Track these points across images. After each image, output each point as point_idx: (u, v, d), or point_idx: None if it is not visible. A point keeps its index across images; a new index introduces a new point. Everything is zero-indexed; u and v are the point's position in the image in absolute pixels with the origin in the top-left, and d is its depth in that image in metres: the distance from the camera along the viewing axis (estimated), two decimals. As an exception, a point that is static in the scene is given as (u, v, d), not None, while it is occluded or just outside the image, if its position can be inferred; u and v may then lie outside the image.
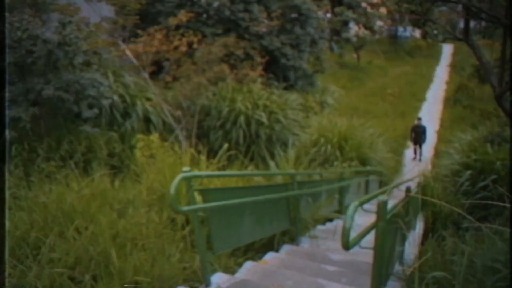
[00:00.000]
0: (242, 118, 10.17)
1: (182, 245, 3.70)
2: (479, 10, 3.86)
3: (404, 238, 4.03)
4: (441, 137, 15.11)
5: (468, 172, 7.41)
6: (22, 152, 6.52)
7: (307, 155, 9.28)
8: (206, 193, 3.24)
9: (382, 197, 2.45)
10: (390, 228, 2.65)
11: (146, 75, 9.81)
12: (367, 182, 9.10)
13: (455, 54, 32.96)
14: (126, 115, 9.20)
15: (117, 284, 2.91)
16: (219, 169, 5.95)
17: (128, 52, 9.89)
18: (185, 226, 4.05)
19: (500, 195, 6.05)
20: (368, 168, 9.76)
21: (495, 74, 4.51)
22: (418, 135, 13.55)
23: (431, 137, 15.29)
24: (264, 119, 10.37)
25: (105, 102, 7.72)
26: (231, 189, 3.83)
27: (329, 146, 9.99)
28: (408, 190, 4.40)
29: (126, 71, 10.12)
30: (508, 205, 2.29)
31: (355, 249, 4.82)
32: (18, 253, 3.25)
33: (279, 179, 6.18)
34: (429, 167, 10.42)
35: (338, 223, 6.34)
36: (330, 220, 6.94)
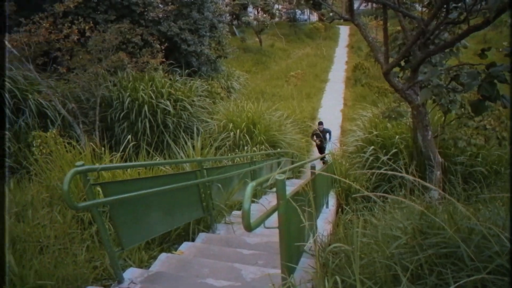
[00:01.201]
0: (146, 108, 9.68)
1: (90, 244, 3.34)
2: None
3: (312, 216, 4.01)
4: (346, 116, 15.71)
5: (371, 147, 7.71)
6: None
7: (216, 141, 9.11)
8: (106, 187, 2.90)
9: (279, 177, 2.35)
10: (293, 207, 2.56)
11: (30, 66, 8.92)
12: (279, 164, 9.13)
13: (351, 35, 34.63)
14: (18, 111, 8.36)
15: None
16: (124, 161, 5.56)
17: (7, 43, 8.92)
18: (93, 223, 3.68)
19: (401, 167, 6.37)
20: (278, 150, 9.80)
21: (382, 52, 4.66)
22: (321, 141, 11.09)
23: (337, 116, 15.86)
24: (170, 107, 9.97)
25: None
26: (134, 181, 3.51)
27: (238, 131, 9.87)
28: (313, 168, 4.40)
29: (10, 64, 9.15)
30: (406, 175, 2.33)
31: (271, 230, 4.76)
32: None
33: (188, 168, 5.92)
34: (337, 145, 10.77)
35: (253, 207, 6.25)
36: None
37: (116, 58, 10.26)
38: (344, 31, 37.11)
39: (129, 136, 6.84)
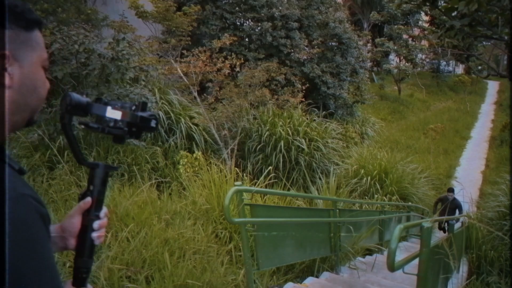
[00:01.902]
0: (282, 143, 10.12)
1: (226, 259, 3.65)
2: None
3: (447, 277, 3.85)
4: (486, 178, 14.58)
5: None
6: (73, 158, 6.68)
7: (347, 185, 9.12)
8: (255, 208, 3.18)
9: (426, 224, 2.36)
10: (433, 258, 2.54)
11: (195, 93, 10.00)
12: (408, 218, 8.82)
13: (501, 91, 32.17)
14: (170, 131, 9.34)
15: (170, 286, 2.88)
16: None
17: (179, 71, 10.14)
18: (227, 242, 4.00)
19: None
20: (410, 204, 9.48)
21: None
22: (448, 211, 8.97)
23: (476, 178, 14.79)
24: (304, 146, 10.28)
25: (152, 118, 7.85)
26: (278, 208, 3.77)
27: (369, 178, 9.78)
28: (451, 226, 4.24)
29: (170, 89, 10.33)
30: None
31: (395, 284, 4.63)
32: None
33: (320, 206, 6.06)
34: (474, 208, 10.03)
35: (377, 257, 6.13)
36: (370, 253, 6.74)
37: (260, 94, 10.99)
38: (493, 86, 34.64)
39: (270, 168, 7.25)
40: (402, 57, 29.16)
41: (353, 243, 5.36)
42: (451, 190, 9.78)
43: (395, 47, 26.27)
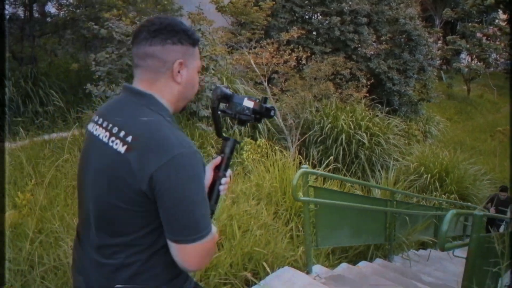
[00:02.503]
0: (343, 136, 10.30)
1: (287, 237, 3.99)
2: None
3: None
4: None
5: None
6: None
7: (406, 181, 9.18)
8: (318, 190, 3.51)
9: (478, 212, 2.57)
10: (482, 247, 2.72)
11: (265, 83, 10.42)
12: (466, 218, 8.77)
13: None
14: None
15: (239, 252, 3.26)
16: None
17: (252, 62, 10.58)
18: (288, 223, 4.34)
19: None
20: (469, 204, 9.38)
21: None
22: (500, 213, 7.98)
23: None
24: (365, 140, 10.40)
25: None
26: (339, 192, 4.07)
27: (429, 176, 9.77)
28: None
29: (237, 79, 10.78)
30: None
31: (447, 275, 4.77)
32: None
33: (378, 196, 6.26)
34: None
35: (431, 251, 6.27)
36: (424, 248, 6.86)
37: (324, 87, 11.22)
38: None
39: (330, 158, 7.53)
40: (474, 56, 28.03)
41: (408, 234, 5.54)
42: (504, 189, 8.53)
43: (468, 46, 25.28)
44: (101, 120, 1.34)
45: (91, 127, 1.38)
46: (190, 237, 1.21)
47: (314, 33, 14.27)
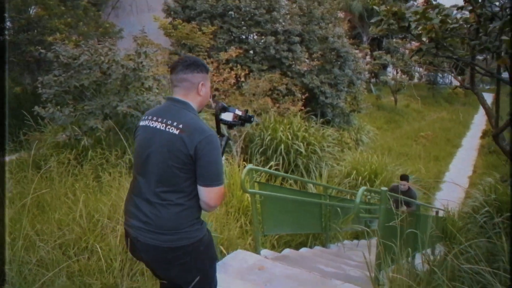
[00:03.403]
0: (282, 147, 11.10)
1: (237, 229, 4.60)
2: (475, 65, 4.77)
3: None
4: (472, 182, 15.52)
5: (485, 209, 8.01)
6: (95, 157, 7.58)
7: (339, 184, 10.09)
8: (262, 185, 4.18)
9: (383, 188, 3.34)
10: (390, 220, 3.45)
11: (210, 100, 10.99)
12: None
13: (493, 103, 33.11)
14: (181, 134, 10.31)
15: None
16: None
17: None
18: (238, 220, 4.96)
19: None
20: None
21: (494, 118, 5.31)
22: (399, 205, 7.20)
23: (463, 182, 15.72)
24: (302, 149, 11.26)
25: (165, 122, 8.80)
26: (280, 187, 4.75)
27: (360, 178, 10.75)
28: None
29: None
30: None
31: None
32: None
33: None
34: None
35: (362, 242, 7.11)
36: (358, 238, 7.70)
37: (262, 102, 12.01)
38: (488, 98, 35.54)
39: (272, 162, 8.25)
40: (399, 69, 30.26)
41: (341, 223, 6.32)
42: (404, 177, 8.06)
43: (393, 60, 27.33)
44: (154, 118, 2.24)
45: (145, 123, 2.27)
46: (214, 182, 2.13)
47: (251, 52, 15.10)
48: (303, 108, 13.87)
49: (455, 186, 14.15)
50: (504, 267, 3.20)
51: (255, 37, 15.47)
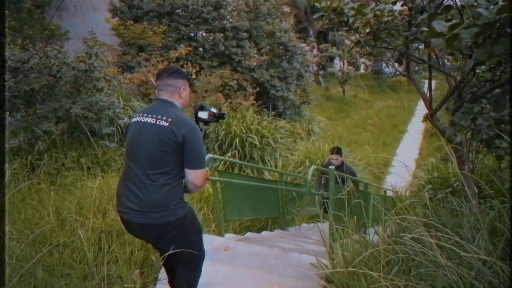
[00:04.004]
0: (237, 140, 11.39)
1: (201, 217, 4.86)
2: (408, 54, 5.26)
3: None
4: (419, 165, 16.45)
5: (429, 186, 8.69)
6: (51, 161, 7.58)
7: (294, 172, 10.50)
8: (222, 173, 4.46)
9: (332, 167, 3.72)
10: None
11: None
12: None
13: (436, 89, 34.90)
14: (134, 135, 10.36)
15: None
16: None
17: (153, 80, 11.26)
18: (201, 208, 5.22)
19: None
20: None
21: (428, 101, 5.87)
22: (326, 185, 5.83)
23: (411, 165, 16.63)
24: (257, 141, 11.59)
25: (120, 122, 8.86)
26: (238, 175, 5.05)
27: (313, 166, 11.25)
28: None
29: (132, 97, 11.36)
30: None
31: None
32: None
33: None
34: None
35: (320, 225, 7.54)
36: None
37: (215, 98, 12.25)
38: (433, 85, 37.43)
39: (229, 153, 8.50)
40: (345, 61, 31.25)
41: (297, 206, 6.72)
42: (337, 151, 6.71)
43: (339, 52, 28.20)
44: (145, 114, 2.68)
45: (137, 119, 2.71)
46: (199, 165, 2.59)
47: (201, 49, 15.27)
48: (255, 102, 14.21)
49: (403, 169, 15.00)
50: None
51: (204, 34, 15.66)
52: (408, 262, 2.65)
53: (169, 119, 2.57)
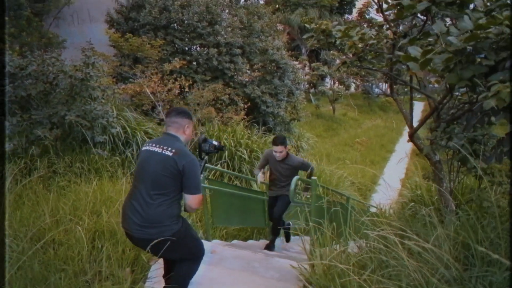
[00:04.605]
0: (226, 153, 11.62)
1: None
2: (391, 76, 5.57)
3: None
4: (404, 184, 16.78)
5: (411, 204, 8.96)
6: (44, 166, 7.73)
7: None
8: (211, 181, 4.69)
9: (314, 178, 3.97)
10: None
11: (159, 107, 11.38)
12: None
13: (424, 111, 35.56)
14: (126, 144, 10.54)
15: None
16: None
17: (148, 92, 11.51)
18: (190, 215, 5.42)
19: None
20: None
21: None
22: (279, 178, 5.69)
23: (397, 183, 16.94)
24: (246, 155, 11.83)
25: (113, 131, 9.04)
26: (227, 184, 5.27)
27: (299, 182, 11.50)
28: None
29: (125, 107, 11.56)
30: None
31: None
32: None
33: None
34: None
35: (303, 238, 7.78)
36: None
37: (206, 111, 12.50)
38: (419, 107, 38.09)
39: (218, 165, 8.72)
40: (336, 80, 31.79)
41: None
42: (281, 141, 5.49)
43: (330, 71, 28.73)
44: (154, 144, 3.20)
45: (148, 148, 3.21)
46: (195, 191, 3.09)
47: (195, 63, 15.55)
48: (245, 117, 14.48)
49: (389, 187, 15.29)
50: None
51: (198, 49, 15.97)
52: (380, 264, 2.90)
53: (173, 150, 3.07)
